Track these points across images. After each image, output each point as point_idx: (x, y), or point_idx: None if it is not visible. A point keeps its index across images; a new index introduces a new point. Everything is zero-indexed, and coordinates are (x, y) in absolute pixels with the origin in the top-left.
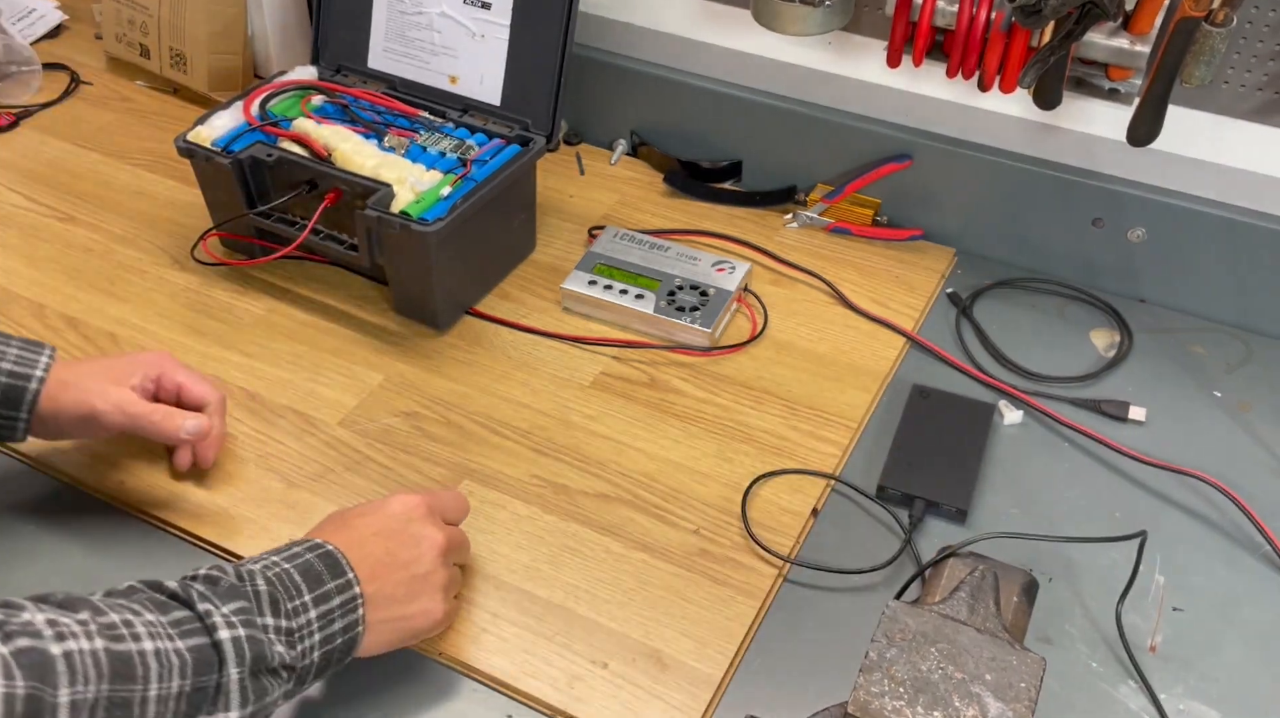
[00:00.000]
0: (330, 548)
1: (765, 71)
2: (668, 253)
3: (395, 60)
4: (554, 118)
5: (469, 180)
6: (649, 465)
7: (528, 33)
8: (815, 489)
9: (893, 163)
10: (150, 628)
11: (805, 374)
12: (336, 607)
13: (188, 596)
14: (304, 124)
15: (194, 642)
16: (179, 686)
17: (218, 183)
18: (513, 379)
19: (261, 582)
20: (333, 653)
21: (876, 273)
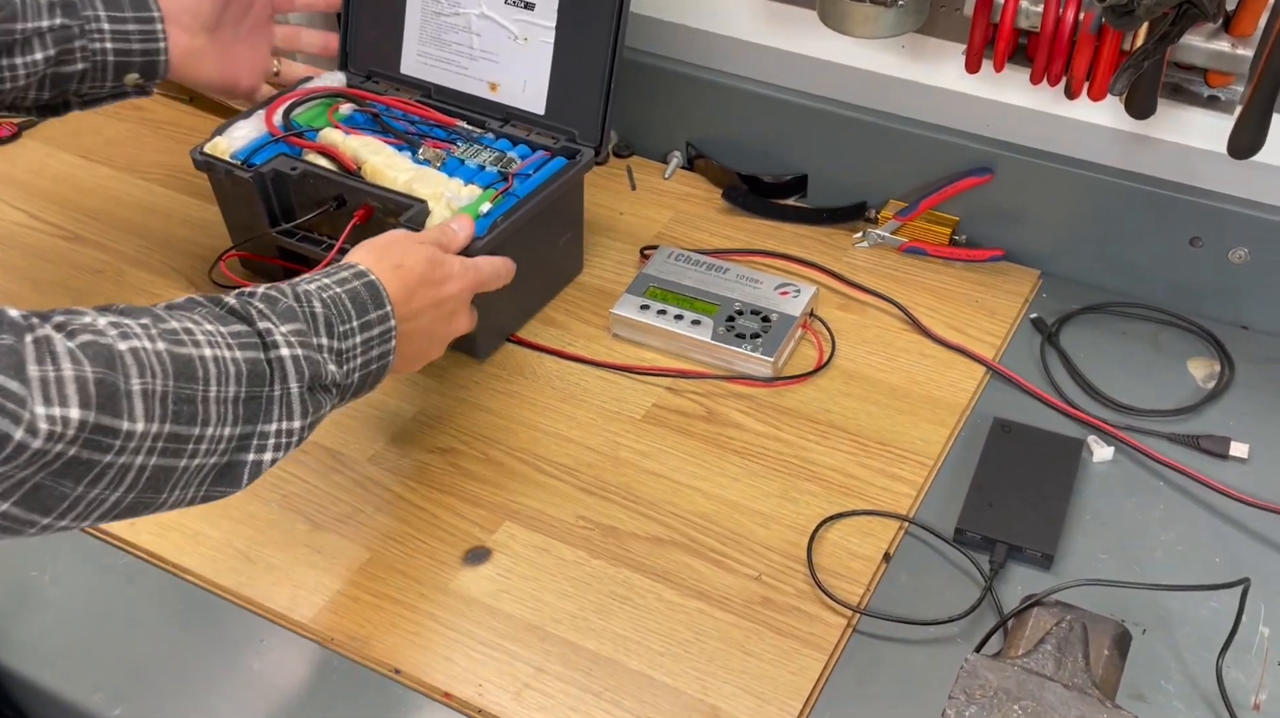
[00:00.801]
0: (373, 278)
1: (833, 78)
2: (726, 275)
3: (430, 66)
4: (603, 128)
5: (511, 196)
6: (706, 506)
7: (575, 35)
8: (887, 532)
9: (972, 177)
10: (209, 337)
11: (876, 407)
12: (376, 336)
13: (246, 312)
14: (331, 135)
15: (250, 354)
16: (235, 391)
17: (237, 199)
18: (558, 412)
19: (318, 304)
20: (369, 376)
21: (954, 297)
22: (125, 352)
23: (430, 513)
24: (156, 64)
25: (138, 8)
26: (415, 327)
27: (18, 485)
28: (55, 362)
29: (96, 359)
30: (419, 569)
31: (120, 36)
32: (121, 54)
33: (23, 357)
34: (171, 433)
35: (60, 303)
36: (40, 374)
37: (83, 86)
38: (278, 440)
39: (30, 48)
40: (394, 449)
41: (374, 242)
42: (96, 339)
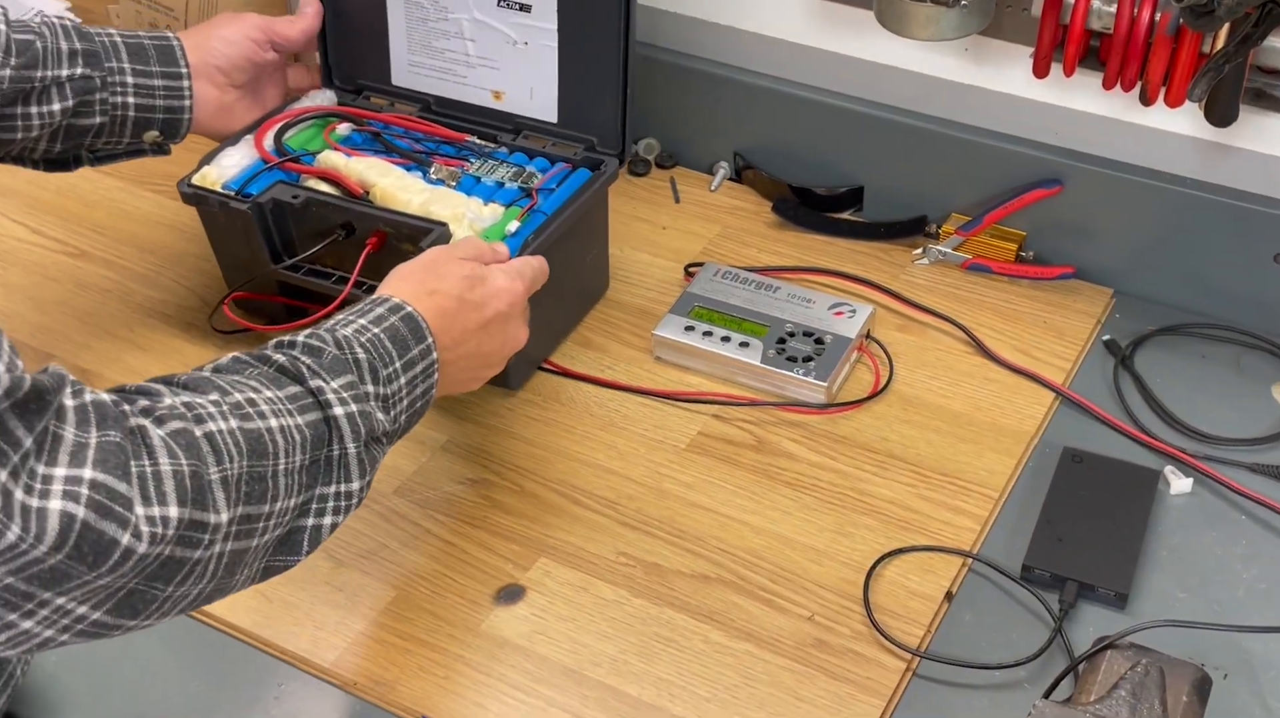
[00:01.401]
0: (410, 310)
1: (891, 82)
2: (777, 294)
3: (425, 76)
4: (623, 133)
5: (538, 213)
6: (755, 541)
7: (580, 36)
8: (949, 570)
9: (1040, 189)
10: (272, 405)
11: (937, 435)
12: (419, 372)
13: (296, 370)
14: (332, 157)
15: (310, 417)
16: (301, 460)
17: (232, 234)
18: (597, 441)
19: (360, 350)
20: (415, 415)
21: (1021, 317)
22: (203, 438)
23: (460, 549)
24: (180, 123)
25: (165, 62)
26: (460, 353)
27: (113, 593)
28: (152, 455)
29: (189, 451)
30: (448, 609)
31: (144, 91)
32: (144, 110)
33: (127, 452)
34: (244, 514)
35: (63, 324)
36: (139, 470)
37: (97, 141)
38: (337, 503)
39: (48, 97)
40: (421, 480)
41: (407, 267)
42: (183, 427)
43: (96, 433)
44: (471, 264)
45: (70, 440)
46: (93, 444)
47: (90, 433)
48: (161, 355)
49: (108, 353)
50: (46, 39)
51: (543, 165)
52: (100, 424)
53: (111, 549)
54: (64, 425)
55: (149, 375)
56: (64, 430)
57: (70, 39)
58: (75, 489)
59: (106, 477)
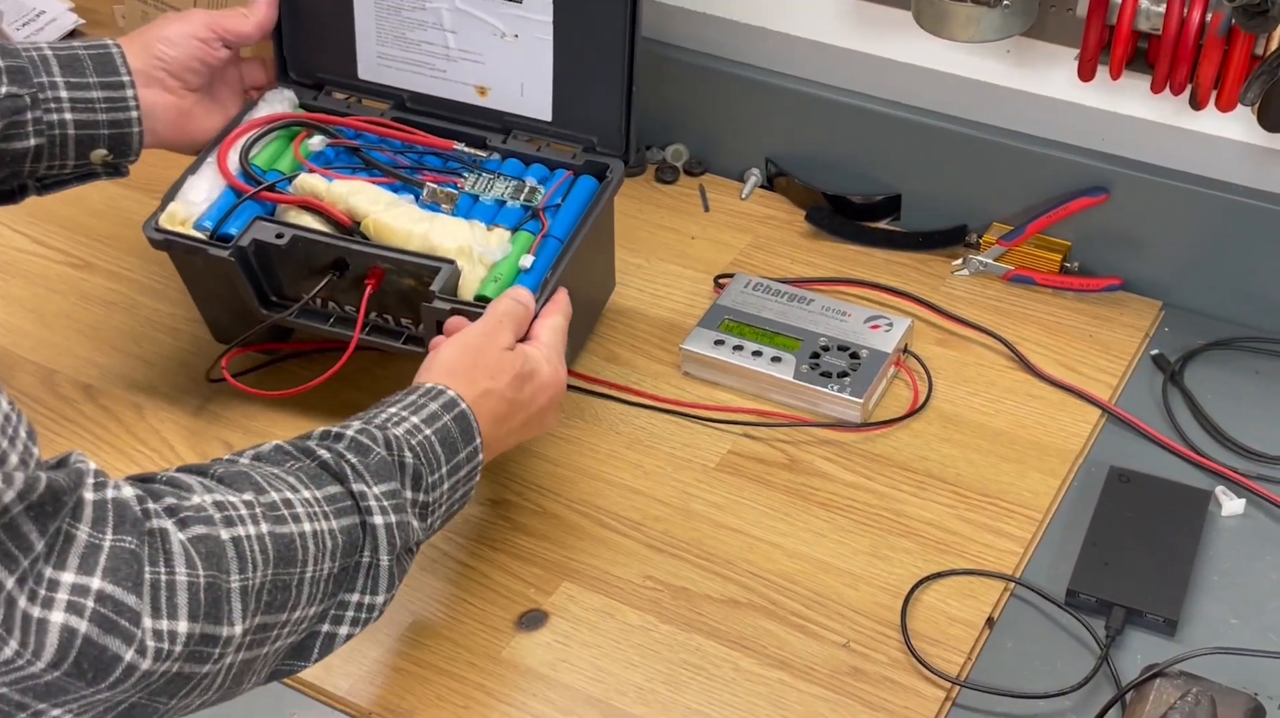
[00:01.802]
0: (464, 408)
1: (930, 86)
2: (810, 306)
3: (398, 70)
4: (628, 129)
5: (551, 239)
6: (788, 565)
7: (579, 25)
8: (991, 595)
9: (1085, 197)
10: (308, 507)
11: (978, 454)
12: (463, 476)
13: (340, 469)
14: (309, 183)
15: (346, 521)
16: (329, 568)
17: (213, 278)
18: (622, 459)
19: (409, 454)
20: (448, 517)
21: (1065, 331)
22: (229, 542)
23: (480, 572)
24: (129, 137)
25: (104, 72)
26: (499, 446)
27: (113, 707)
28: (169, 563)
29: (209, 559)
30: (468, 635)
31: (83, 106)
32: (85, 126)
33: (142, 561)
34: (261, 624)
35: (67, 339)
36: (153, 578)
37: (39, 166)
38: (356, 614)
39: None
40: None
41: (455, 354)
42: (207, 532)
43: (112, 536)
44: (521, 354)
45: (83, 541)
46: (106, 548)
47: (105, 535)
48: (169, 372)
49: (113, 369)
50: None
51: (540, 174)
52: (118, 526)
53: (113, 666)
54: (79, 524)
55: (156, 392)
56: (78, 530)
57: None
58: (80, 601)
59: (115, 588)
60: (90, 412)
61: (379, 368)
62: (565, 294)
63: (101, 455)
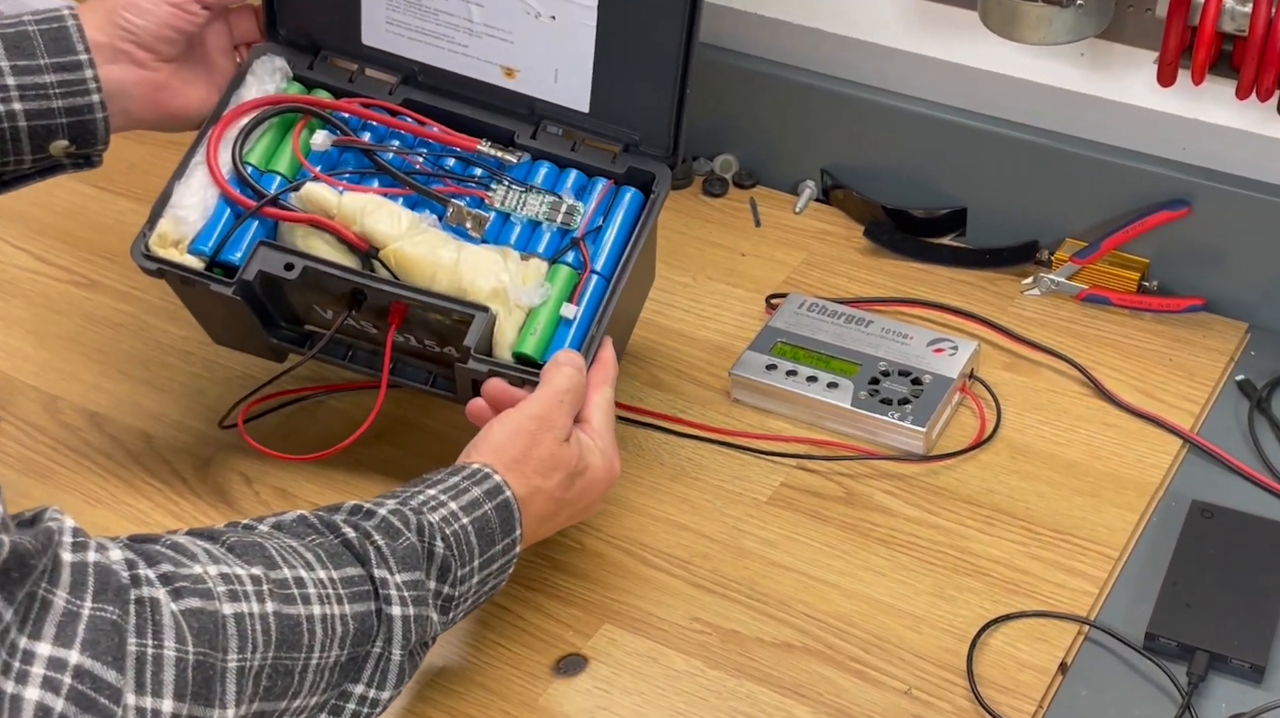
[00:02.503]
0: (509, 496)
1: (998, 91)
2: (869, 328)
3: (410, 40)
4: (677, 127)
5: (595, 279)
6: (845, 606)
7: (628, 13)
8: (1064, 638)
9: (1165, 211)
10: (320, 589)
11: (1050, 487)
12: (495, 569)
13: (363, 550)
14: (318, 197)
15: (361, 608)
16: (336, 656)
17: (217, 305)
18: (667, 493)
19: (440, 543)
20: (472, 609)
21: (1143, 355)
22: (230, 618)
23: (515, 614)
24: (92, 124)
25: (57, 49)
26: (535, 539)
27: None
28: (158, 635)
29: (201, 635)
30: (501, 681)
31: (33, 93)
32: (38, 116)
33: (125, 632)
34: (258, 711)
35: (71, 363)
36: (139, 650)
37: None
38: (357, 708)
39: None
40: None
41: (509, 435)
42: (203, 606)
43: (91, 603)
44: (576, 449)
45: (60, 608)
46: (85, 617)
47: (84, 602)
48: (181, 398)
49: (121, 395)
50: None
51: (578, 182)
52: (99, 593)
53: None
54: (55, 589)
55: (166, 421)
56: (54, 595)
57: None
58: (57, 677)
59: (95, 663)
60: (96, 441)
61: (416, 416)
62: (612, 353)
63: (108, 489)
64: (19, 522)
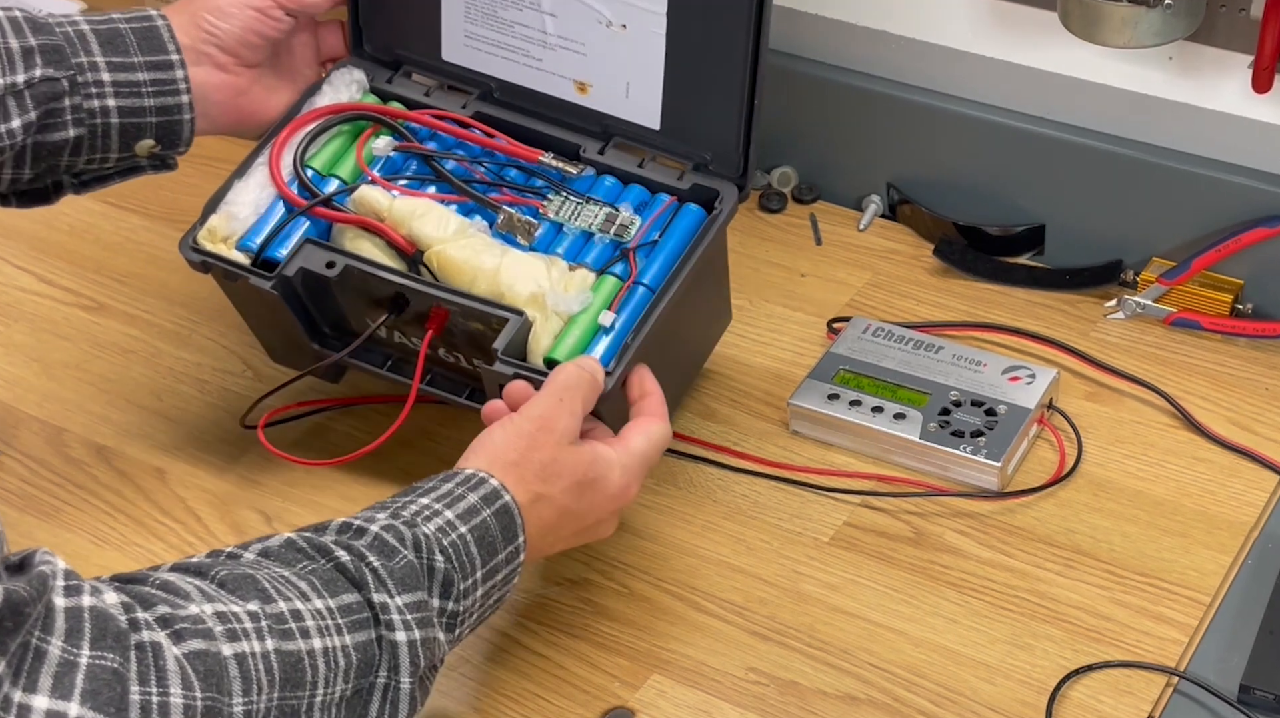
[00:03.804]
0: (507, 501)
1: (1079, 98)
2: (939, 355)
3: (487, 55)
4: (745, 150)
5: (640, 287)
6: (913, 655)
7: (697, 20)
8: (1151, 690)
9: (1261, 228)
10: (318, 620)
11: (1135, 526)
12: (500, 580)
13: (359, 574)
14: (371, 199)
15: (362, 637)
16: (342, 690)
17: (260, 305)
18: (720, 532)
19: (439, 557)
20: (479, 624)
21: (1237, 383)
22: (231, 660)
23: (556, 663)
24: (178, 125)
25: (150, 49)
26: (541, 556)
27: None
28: (162, 681)
29: (207, 679)
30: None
31: (127, 90)
32: (130, 114)
33: (127, 681)
34: None
35: (77, 392)
36: (142, 699)
37: (77, 160)
38: None
39: (4, 112)
40: None
41: (509, 437)
42: (206, 648)
43: (90, 651)
44: (590, 455)
45: (56, 658)
46: (83, 666)
47: (82, 650)
48: (194, 429)
49: (130, 427)
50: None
51: (640, 197)
52: (96, 640)
53: None
54: (50, 638)
55: (180, 454)
56: (49, 644)
57: (23, 34)
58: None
59: (96, 715)
60: (104, 477)
61: (441, 427)
62: (656, 386)
63: (117, 529)
64: (7, 565)
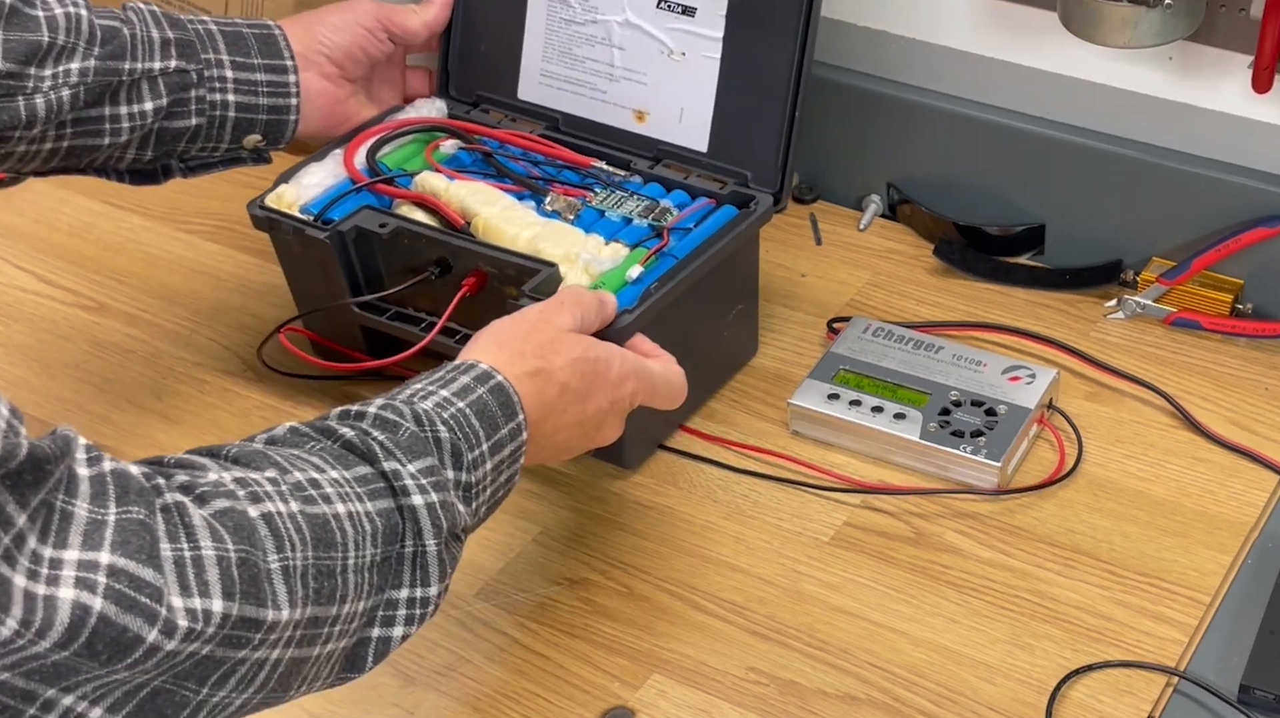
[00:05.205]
0: (501, 380)
1: (1078, 99)
2: (939, 355)
3: (557, 90)
4: (784, 168)
5: (667, 257)
6: (913, 655)
7: (747, 50)
8: (1151, 690)
9: (1261, 228)
10: (338, 488)
11: (1135, 527)
12: (507, 456)
13: (367, 447)
14: (430, 180)
15: (382, 504)
16: (372, 554)
17: (309, 265)
18: (721, 532)
19: (443, 428)
20: (494, 506)
21: (1237, 383)
22: (259, 519)
23: (556, 663)
24: (285, 124)
25: (268, 53)
26: (547, 444)
27: (132, 693)
28: (192, 537)
29: (238, 533)
30: None
31: (246, 88)
32: (245, 109)
33: (156, 533)
34: (311, 617)
35: (77, 393)
36: (176, 554)
37: (191, 147)
38: (410, 612)
39: (138, 94)
40: (509, 581)
41: (508, 329)
42: (232, 506)
43: (116, 509)
44: (585, 342)
45: (83, 518)
46: (111, 522)
47: (109, 509)
48: (195, 429)
49: (131, 427)
50: (134, 25)
51: (681, 200)
52: (121, 497)
53: (134, 646)
54: (75, 500)
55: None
56: (74, 506)
57: (161, 26)
58: (90, 577)
59: (128, 561)
60: None
61: None
62: (679, 369)
63: None
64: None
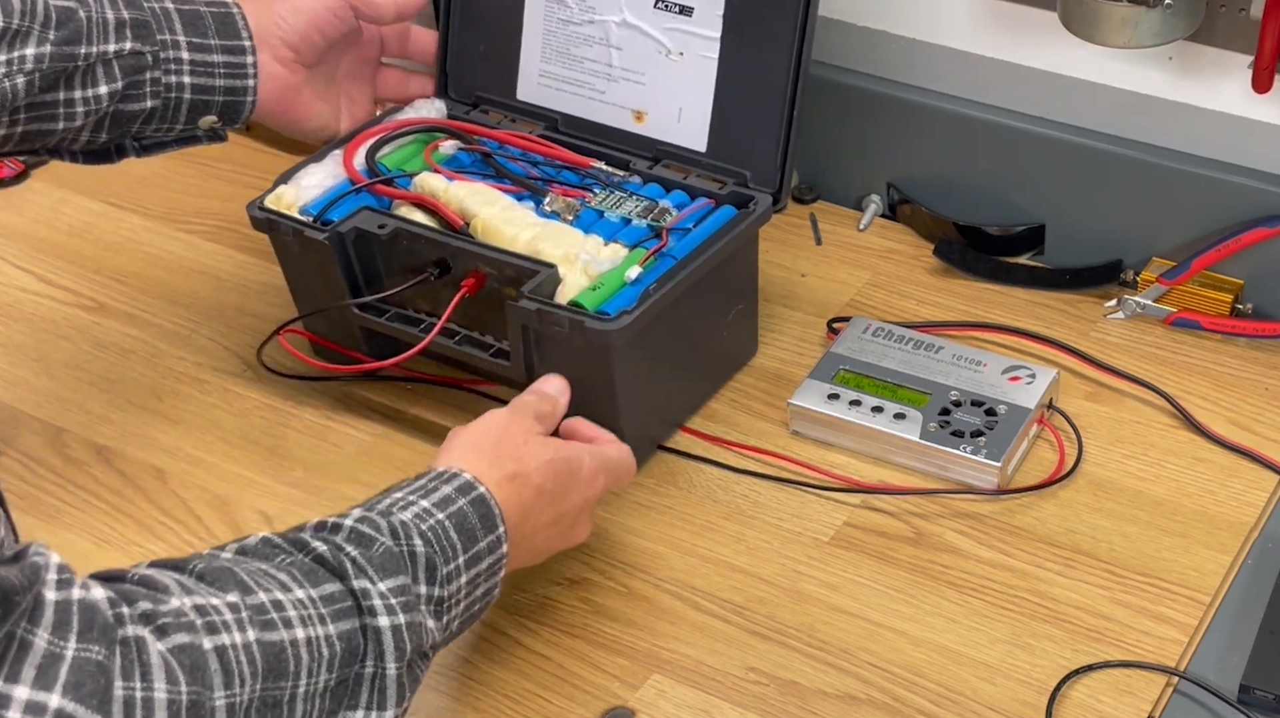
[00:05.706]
0: (483, 492)
1: (1079, 99)
2: (939, 355)
3: (556, 90)
4: (783, 168)
5: (666, 257)
6: (913, 655)
7: (745, 49)
8: (1151, 690)
9: (1261, 228)
10: (301, 610)
11: (1135, 526)
12: (484, 569)
13: (338, 563)
14: (429, 181)
15: (345, 626)
16: (325, 680)
17: (309, 267)
18: (721, 533)
19: (419, 541)
20: (469, 620)
21: (1237, 383)
22: (212, 653)
23: (556, 663)
24: (240, 105)
25: (226, 34)
26: (526, 547)
27: None
28: (146, 677)
29: (193, 673)
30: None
31: (202, 69)
32: (201, 91)
33: (111, 674)
34: None
35: (77, 393)
36: (127, 694)
37: (146, 128)
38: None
39: (93, 79)
40: (509, 582)
41: (477, 434)
42: (190, 641)
43: (76, 644)
44: (554, 443)
45: (41, 650)
46: (68, 659)
47: (68, 642)
48: (195, 430)
49: (130, 427)
50: (90, 7)
51: (680, 200)
52: (83, 632)
53: None
54: (36, 629)
55: (180, 453)
56: (34, 636)
57: (117, 7)
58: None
59: (78, 707)
60: (104, 477)
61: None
62: (632, 458)
63: (118, 529)
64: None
